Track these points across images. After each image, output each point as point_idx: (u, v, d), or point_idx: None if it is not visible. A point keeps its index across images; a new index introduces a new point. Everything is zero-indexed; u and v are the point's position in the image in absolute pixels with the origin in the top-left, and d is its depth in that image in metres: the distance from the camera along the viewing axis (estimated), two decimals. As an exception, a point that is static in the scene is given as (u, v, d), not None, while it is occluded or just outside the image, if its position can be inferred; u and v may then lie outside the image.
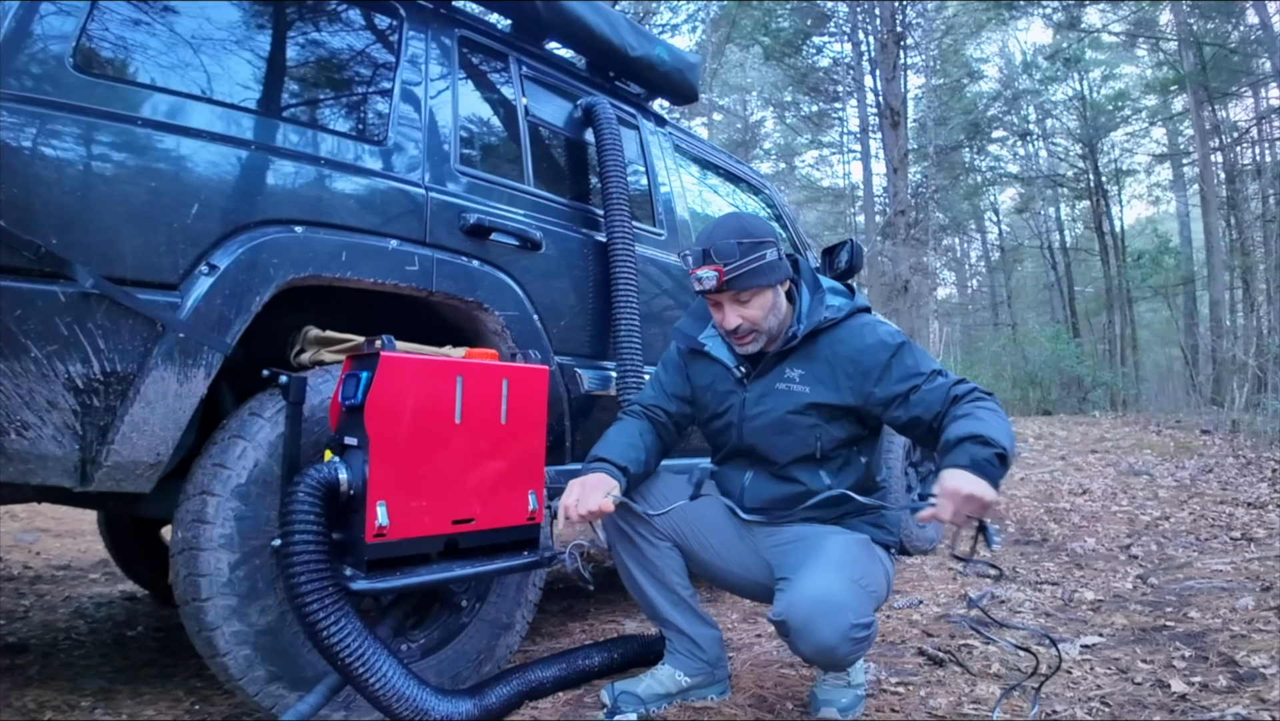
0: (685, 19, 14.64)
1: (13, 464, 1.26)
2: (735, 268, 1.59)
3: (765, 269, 1.62)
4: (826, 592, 1.50)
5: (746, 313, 1.64)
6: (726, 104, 21.14)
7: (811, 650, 1.53)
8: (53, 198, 1.26)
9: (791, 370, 1.69)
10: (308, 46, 1.77)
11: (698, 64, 2.88)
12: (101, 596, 2.86)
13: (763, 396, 1.71)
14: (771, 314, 1.67)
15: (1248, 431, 8.04)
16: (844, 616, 1.48)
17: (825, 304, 1.69)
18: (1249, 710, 1.64)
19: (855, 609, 1.50)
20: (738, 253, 1.59)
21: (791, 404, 1.67)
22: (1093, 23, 15.51)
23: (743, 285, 1.61)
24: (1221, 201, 15.16)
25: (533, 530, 1.71)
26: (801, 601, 1.51)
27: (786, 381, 1.69)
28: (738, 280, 1.60)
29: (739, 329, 1.66)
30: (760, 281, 1.62)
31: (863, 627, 1.51)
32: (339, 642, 1.40)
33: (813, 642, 1.51)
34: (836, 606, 1.49)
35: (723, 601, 2.81)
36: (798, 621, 1.51)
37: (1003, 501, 5.29)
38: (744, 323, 1.65)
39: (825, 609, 1.49)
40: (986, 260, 25.09)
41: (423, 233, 1.79)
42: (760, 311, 1.65)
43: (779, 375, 1.70)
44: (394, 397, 1.45)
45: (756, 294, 1.63)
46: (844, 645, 1.50)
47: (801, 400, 1.67)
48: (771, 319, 1.67)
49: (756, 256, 1.61)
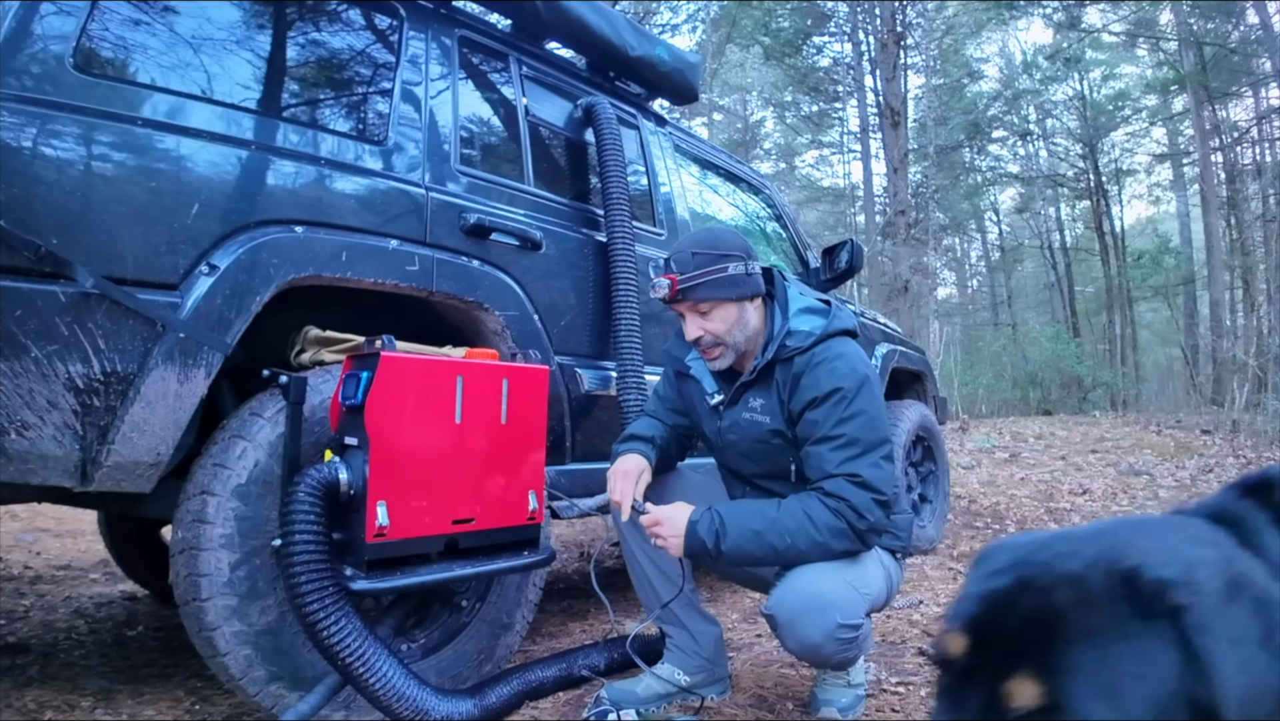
0: (685, 19, 14.64)
1: (13, 464, 1.26)
2: (689, 278, 1.59)
3: (724, 282, 1.60)
4: (816, 591, 1.50)
5: (707, 325, 1.63)
6: (726, 104, 21.13)
7: (797, 646, 1.54)
8: (53, 198, 1.26)
9: (754, 399, 1.68)
10: (308, 46, 1.78)
11: (698, 64, 2.88)
12: (101, 596, 2.85)
13: (733, 425, 1.71)
14: (736, 328, 1.64)
15: (1248, 431, 8.04)
16: (831, 616, 1.48)
17: (791, 331, 1.63)
18: (1249, 710, 1.63)
19: (844, 609, 1.50)
20: (692, 264, 1.59)
21: (756, 431, 1.67)
22: (1093, 23, 15.50)
23: (697, 296, 1.60)
24: (1222, 201, 15.14)
25: (533, 530, 1.71)
26: (791, 597, 1.51)
27: (750, 411, 1.69)
28: (691, 290, 1.59)
29: (700, 340, 1.65)
30: (717, 294, 1.60)
31: (851, 629, 1.51)
32: (339, 642, 1.40)
33: (798, 639, 1.52)
34: (825, 605, 1.49)
35: (723, 600, 2.81)
36: (785, 617, 1.52)
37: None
38: (705, 335, 1.64)
39: (813, 607, 1.49)
40: (987, 260, 25.08)
41: (423, 233, 1.79)
42: (722, 325, 1.63)
43: (744, 404, 1.70)
44: (394, 398, 1.45)
45: (716, 306, 1.62)
46: (829, 644, 1.50)
47: (763, 428, 1.66)
48: (737, 333, 1.65)
49: (716, 269, 1.59)
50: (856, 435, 1.52)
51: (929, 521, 3.72)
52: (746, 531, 1.49)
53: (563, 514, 2.05)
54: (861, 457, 1.51)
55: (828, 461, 1.52)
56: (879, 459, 1.53)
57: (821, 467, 1.53)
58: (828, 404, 1.54)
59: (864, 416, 1.53)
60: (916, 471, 3.77)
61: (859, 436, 1.52)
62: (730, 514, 1.52)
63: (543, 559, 1.74)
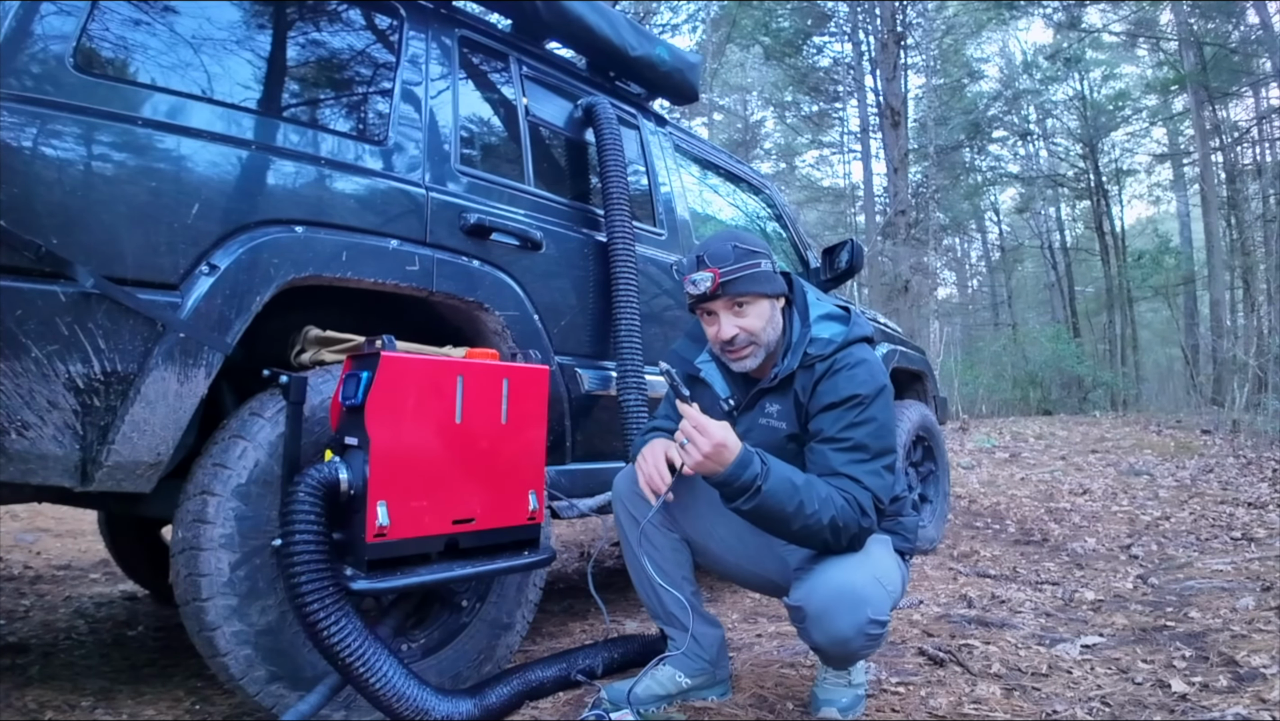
0: (685, 19, 14.65)
1: (13, 464, 1.26)
2: (730, 271, 1.57)
3: (761, 277, 1.60)
4: (849, 584, 1.50)
5: (744, 322, 1.61)
6: (727, 104, 21.13)
7: (825, 639, 1.53)
8: (53, 198, 1.26)
9: (771, 405, 1.67)
10: (308, 46, 1.77)
11: (698, 64, 2.88)
12: (102, 596, 2.86)
13: (748, 431, 1.69)
14: (770, 326, 1.63)
15: (1248, 431, 8.04)
16: (863, 610, 1.49)
17: (812, 339, 1.63)
18: (1249, 710, 1.64)
19: (875, 605, 1.50)
20: (733, 256, 1.58)
21: (773, 437, 1.67)
22: (1093, 23, 15.50)
23: (739, 290, 1.58)
24: (1222, 201, 15.14)
25: (533, 530, 1.71)
26: (823, 589, 1.51)
27: (767, 416, 1.68)
28: (734, 283, 1.57)
29: (736, 339, 1.61)
30: (756, 289, 1.60)
31: (878, 625, 1.52)
32: (339, 642, 1.39)
33: (827, 632, 1.51)
34: (858, 599, 1.49)
35: (723, 601, 2.81)
36: (816, 609, 1.51)
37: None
38: (740, 333, 1.61)
39: (846, 600, 1.49)
40: (987, 260, 25.08)
41: (423, 233, 1.79)
42: (758, 322, 1.61)
43: (760, 410, 1.69)
44: (394, 397, 1.45)
45: (753, 302, 1.61)
46: (858, 639, 1.50)
47: (780, 434, 1.66)
48: (770, 332, 1.63)
49: (752, 263, 1.59)
50: (864, 441, 1.52)
51: (929, 521, 3.72)
52: (786, 481, 1.46)
53: (563, 514, 2.05)
54: (865, 463, 1.52)
55: (833, 460, 1.53)
56: (881, 467, 1.53)
57: (826, 465, 1.53)
58: (842, 408, 1.55)
59: (875, 424, 1.54)
60: (917, 471, 3.78)
61: (867, 443, 1.53)
62: (772, 459, 1.50)
63: (543, 559, 1.74)
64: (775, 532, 1.54)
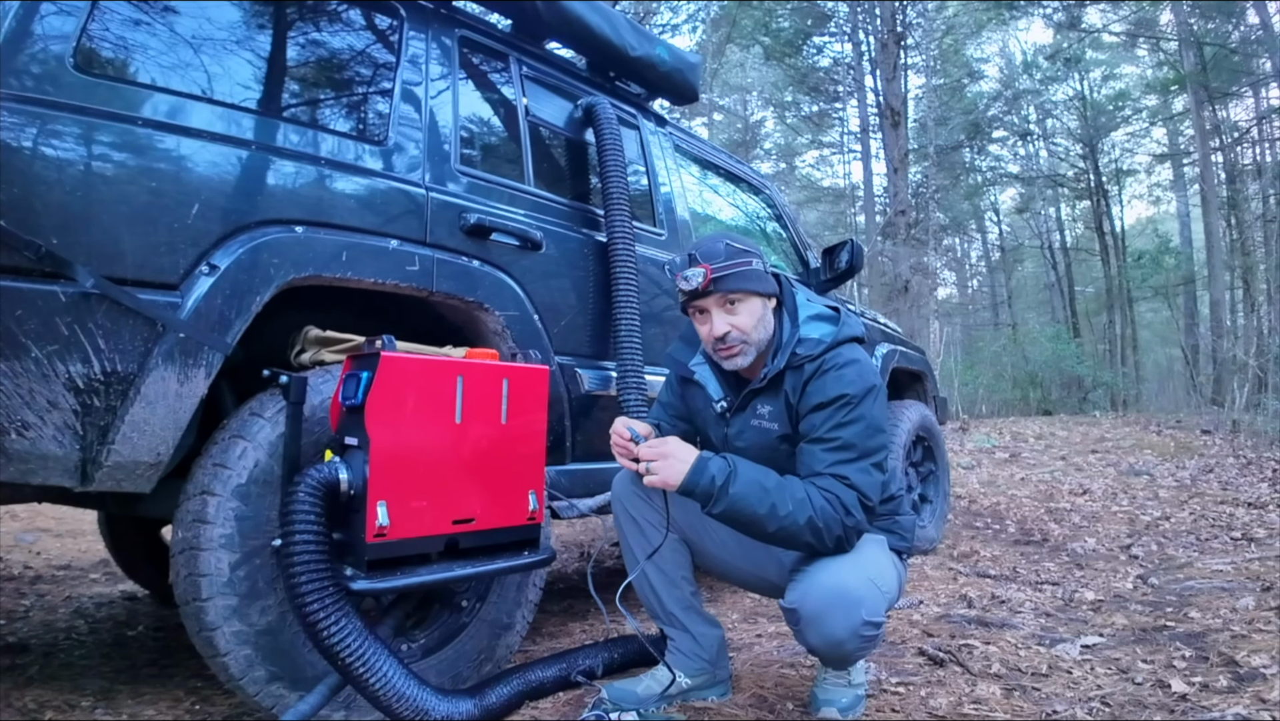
0: (685, 19, 14.63)
1: (13, 464, 1.26)
2: (722, 268, 1.58)
3: (753, 275, 1.60)
4: (843, 586, 1.50)
5: (734, 320, 1.61)
6: (727, 104, 21.12)
7: (820, 641, 1.53)
8: (53, 198, 1.26)
9: (762, 406, 1.68)
10: (308, 46, 1.77)
11: (698, 64, 2.88)
12: (101, 596, 2.86)
13: (741, 431, 1.71)
14: (761, 325, 1.63)
15: (1248, 431, 8.05)
16: (857, 612, 1.49)
17: (800, 339, 1.63)
18: (1249, 710, 1.64)
19: (869, 606, 1.50)
20: (725, 254, 1.59)
21: (765, 438, 1.67)
22: (1093, 23, 15.50)
23: (729, 286, 1.58)
24: (1222, 201, 15.15)
25: (533, 530, 1.71)
26: (817, 591, 1.51)
27: (759, 418, 1.68)
28: (726, 280, 1.58)
29: (727, 337, 1.61)
30: (748, 286, 1.60)
31: (873, 626, 1.52)
32: (339, 642, 1.40)
33: (822, 634, 1.52)
34: (852, 601, 1.49)
35: (723, 601, 2.81)
36: (810, 611, 1.51)
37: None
38: (733, 330, 1.61)
39: (840, 601, 1.49)
40: (987, 260, 25.08)
41: (423, 233, 1.79)
42: (749, 319, 1.61)
43: (753, 411, 1.69)
44: (394, 398, 1.45)
45: (745, 299, 1.61)
46: (852, 640, 1.50)
47: (772, 435, 1.66)
48: (761, 331, 1.64)
49: (744, 261, 1.60)
50: (852, 440, 1.53)
51: (929, 521, 3.72)
52: (754, 484, 1.48)
53: (563, 514, 2.05)
54: (853, 462, 1.52)
55: (819, 460, 1.53)
56: (869, 465, 1.54)
57: (812, 466, 1.54)
58: (830, 408, 1.55)
59: (863, 423, 1.54)
60: (917, 471, 3.77)
61: (854, 442, 1.53)
62: (742, 463, 1.52)
63: (543, 559, 1.74)
64: (754, 536, 1.55)
